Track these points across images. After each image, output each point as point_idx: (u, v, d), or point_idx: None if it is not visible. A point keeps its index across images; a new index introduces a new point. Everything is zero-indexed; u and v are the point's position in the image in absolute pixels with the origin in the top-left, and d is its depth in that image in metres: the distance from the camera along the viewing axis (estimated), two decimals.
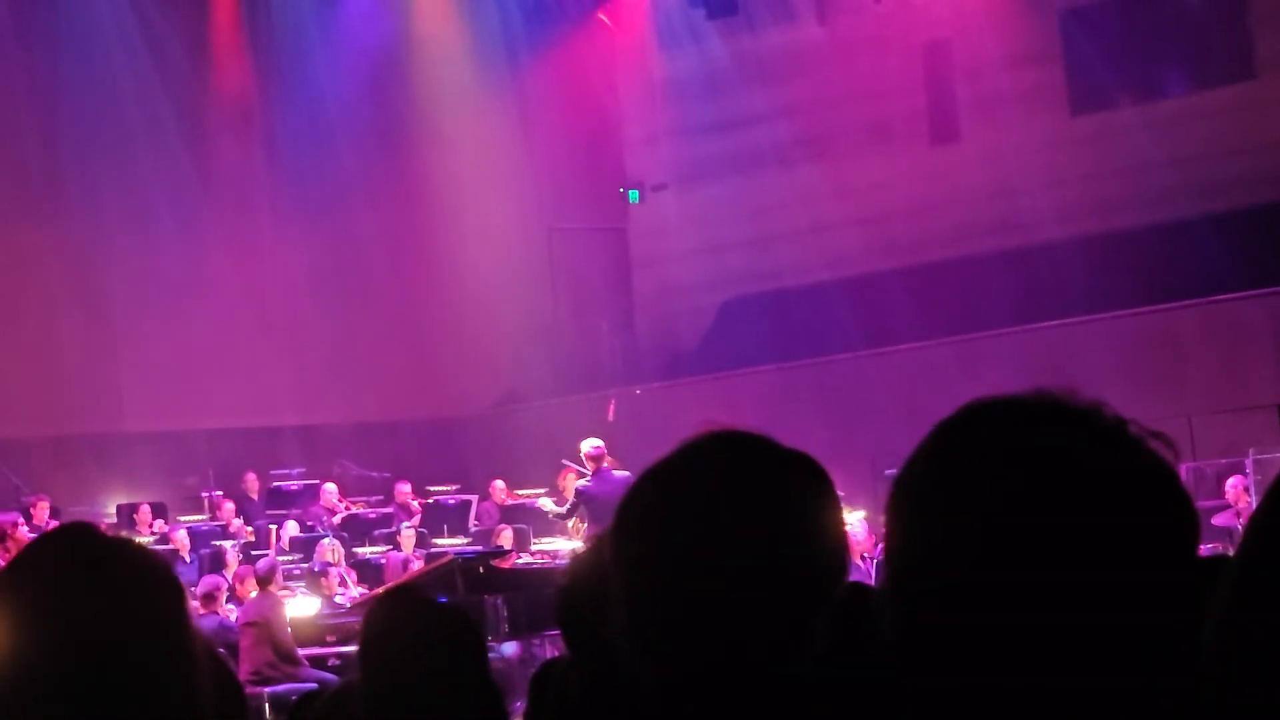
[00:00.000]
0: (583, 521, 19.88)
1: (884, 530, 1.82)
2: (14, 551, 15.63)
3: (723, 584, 2.18)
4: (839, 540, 2.29)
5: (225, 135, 26.63)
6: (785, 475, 2.28)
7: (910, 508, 1.79)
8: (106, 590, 2.31)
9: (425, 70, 28.18)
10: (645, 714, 2.22)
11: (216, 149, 26.42)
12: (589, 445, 20.21)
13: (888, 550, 1.81)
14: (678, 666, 2.18)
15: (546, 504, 20.93)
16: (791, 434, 2.39)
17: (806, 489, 2.28)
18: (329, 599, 18.66)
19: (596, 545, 3.90)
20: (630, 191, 30.24)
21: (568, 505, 20.27)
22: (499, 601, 16.19)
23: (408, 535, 21.15)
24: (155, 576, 2.37)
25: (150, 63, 25.67)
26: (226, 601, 18.02)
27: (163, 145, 25.57)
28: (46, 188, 24.81)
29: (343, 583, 19.38)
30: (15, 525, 17.78)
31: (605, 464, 19.84)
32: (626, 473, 18.98)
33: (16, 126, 24.66)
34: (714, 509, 2.22)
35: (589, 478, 19.81)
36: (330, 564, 19.52)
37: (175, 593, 2.39)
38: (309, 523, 22.31)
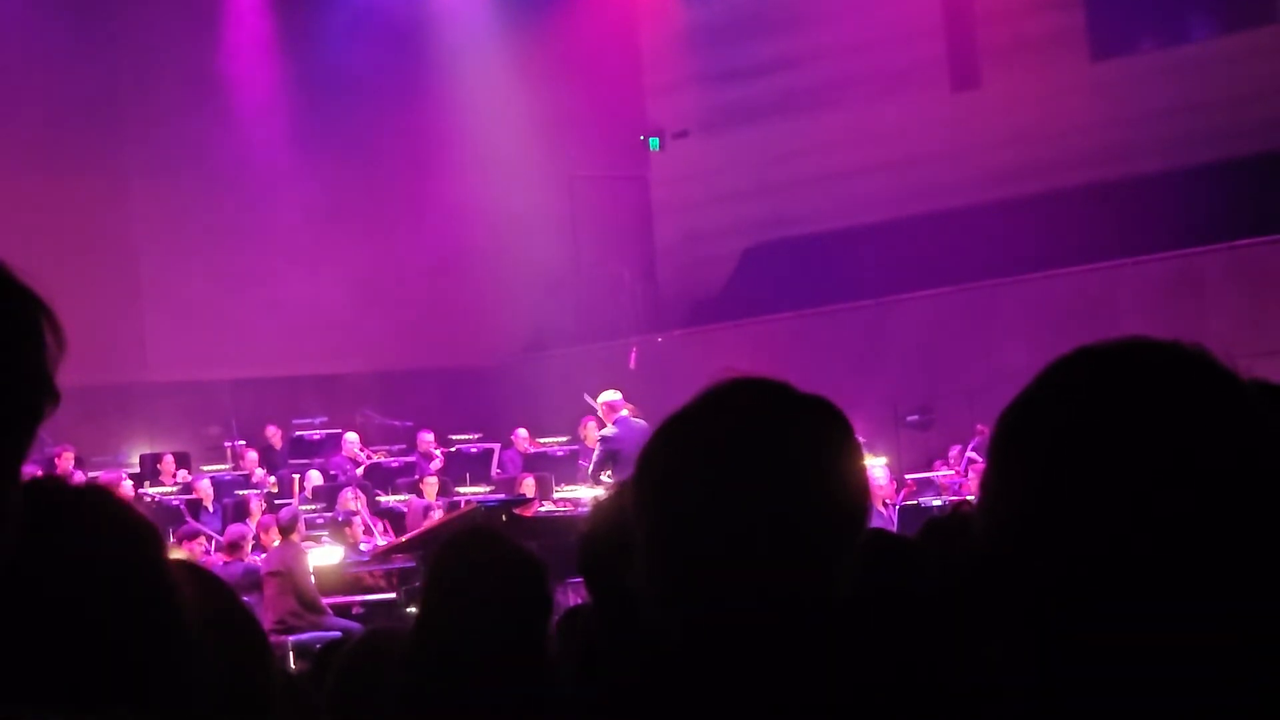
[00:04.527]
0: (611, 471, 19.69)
1: (996, 469, 1.78)
2: None
3: (744, 529, 2.18)
4: (859, 484, 2.29)
5: (248, 83, 26.60)
6: (804, 420, 2.29)
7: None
8: (73, 542, 2.14)
9: (447, 17, 28.09)
10: (667, 659, 2.23)
11: (240, 98, 26.38)
12: (606, 397, 20.11)
13: (998, 490, 1.78)
14: (699, 612, 2.19)
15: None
16: (813, 381, 2.39)
17: (825, 433, 2.29)
18: (352, 548, 18.71)
19: (618, 493, 3.91)
20: (651, 139, 30.15)
21: (594, 461, 19.95)
22: None
23: (430, 483, 21.20)
24: (125, 523, 2.20)
25: (171, 12, 25.63)
26: (251, 551, 18.09)
27: (186, 93, 25.54)
28: (70, 136, 24.80)
29: (367, 531, 19.43)
30: None
31: (625, 413, 19.73)
32: (644, 423, 18.90)
33: (40, 77, 24.64)
34: (734, 454, 2.23)
35: (612, 427, 19.71)
36: (353, 513, 19.56)
37: (149, 537, 2.21)
38: (332, 472, 22.36)
